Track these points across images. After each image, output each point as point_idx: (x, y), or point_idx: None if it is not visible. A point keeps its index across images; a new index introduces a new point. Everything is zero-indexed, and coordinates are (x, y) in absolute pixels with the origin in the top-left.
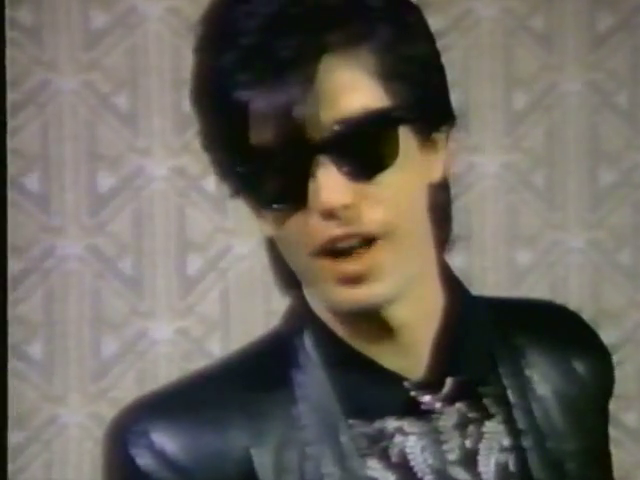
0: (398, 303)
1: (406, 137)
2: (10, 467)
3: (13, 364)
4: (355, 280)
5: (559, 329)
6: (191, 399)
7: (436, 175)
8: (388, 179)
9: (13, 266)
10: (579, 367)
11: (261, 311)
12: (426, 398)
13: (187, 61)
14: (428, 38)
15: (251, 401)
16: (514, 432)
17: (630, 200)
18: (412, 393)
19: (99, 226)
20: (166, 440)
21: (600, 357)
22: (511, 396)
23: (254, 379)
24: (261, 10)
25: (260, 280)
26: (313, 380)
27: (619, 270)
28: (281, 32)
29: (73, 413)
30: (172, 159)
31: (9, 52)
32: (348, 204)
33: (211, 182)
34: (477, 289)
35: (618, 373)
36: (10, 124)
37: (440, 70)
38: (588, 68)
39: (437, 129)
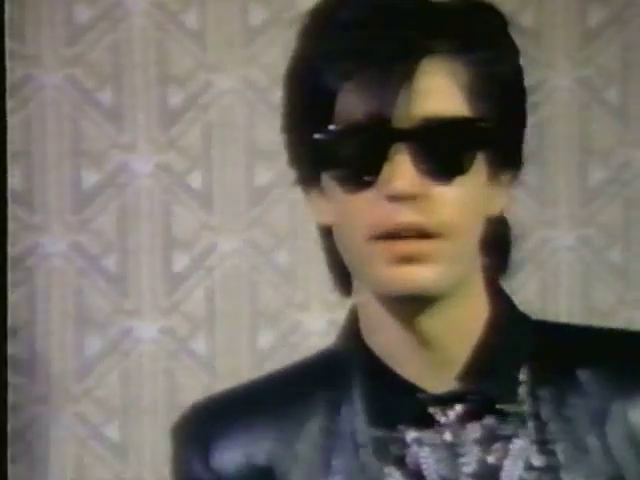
0: (436, 316)
1: (479, 161)
2: None
3: None
4: (407, 260)
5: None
6: (248, 410)
7: (496, 209)
8: (457, 188)
9: None
10: None
11: (247, 310)
12: (443, 413)
13: (172, 56)
14: (518, 72)
15: (292, 412)
16: (548, 453)
17: (621, 197)
18: (430, 409)
19: (83, 223)
20: (221, 456)
21: None
22: (551, 422)
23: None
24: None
25: (246, 278)
26: (345, 391)
27: (609, 268)
28: (388, 26)
29: (56, 413)
30: (157, 155)
31: None
32: (416, 194)
33: (197, 179)
34: None
35: None
36: None
37: (522, 108)
38: (578, 64)
39: (504, 168)
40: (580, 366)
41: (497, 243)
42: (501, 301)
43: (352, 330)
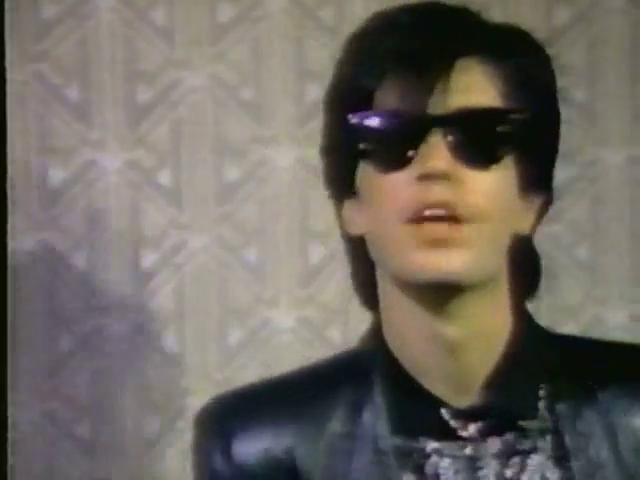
0: (462, 320)
1: (510, 161)
2: None
3: None
4: (437, 243)
5: None
6: (269, 405)
7: (524, 228)
8: (488, 176)
9: None
10: None
11: (216, 306)
12: (464, 427)
13: (140, 52)
14: (551, 85)
15: (313, 410)
16: (563, 467)
17: (588, 194)
18: (451, 423)
19: (51, 221)
20: (242, 449)
21: None
22: (567, 437)
23: (325, 391)
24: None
25: (215, 275)
26: (368, 396)
27: (576, 264)
28: (426, 30)
29: (27, 412)
30: (126, 152)
31: None
32: (449, 174)
33: (166, 176)
34: None
35: None
36: None
37: (552, 121)
38: None
39: (535, 188)
40: (596, 380)
41: (524, 267)
42: (524, 320)
43: (376, 337)
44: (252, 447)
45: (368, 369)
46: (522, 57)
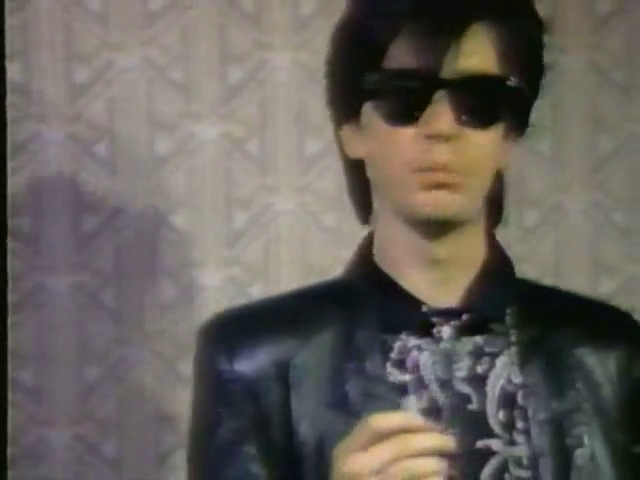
0: (448, 242)
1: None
2: None
3: None
4: (439, 186)
5: (607, 326)
6: (269, 319)
7: (504, 164)
8: (484, 135)
9: None
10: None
11: (149, 267)
12: (441, 325)
13: (77, 36)
14: (540, 45)
15: (309, 324)
16: (525, 375)
17: None
18: (431, 321)
19: None
20: (242, 357)
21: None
22: (528, 349)
23: (321, 304)
24: None
25: (149, 238)
26: (360, 306)
27: None
28: None
29: None
30: (66, 126)
31: None
32: (451, 136)
33: (102, 148)
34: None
35: None
36: None
37: (539, 75)
38: None
39: (514, 129)
40: (556, 314)
41: (496, 199)
42: (496, 247)
43: (366, 253)
44: (251, 355)
45: (359, 285)
46: (520, 18)
